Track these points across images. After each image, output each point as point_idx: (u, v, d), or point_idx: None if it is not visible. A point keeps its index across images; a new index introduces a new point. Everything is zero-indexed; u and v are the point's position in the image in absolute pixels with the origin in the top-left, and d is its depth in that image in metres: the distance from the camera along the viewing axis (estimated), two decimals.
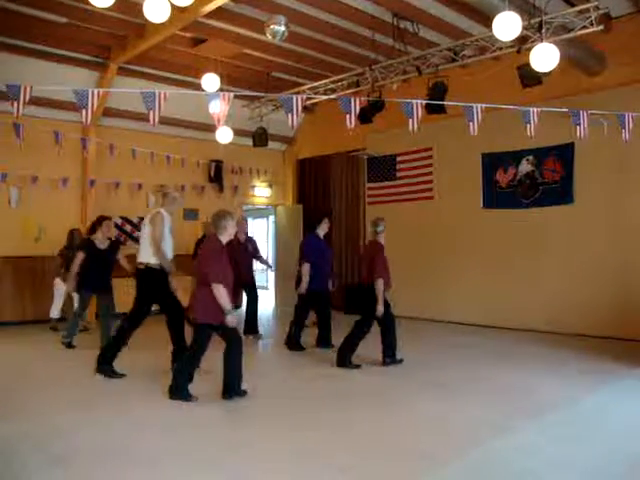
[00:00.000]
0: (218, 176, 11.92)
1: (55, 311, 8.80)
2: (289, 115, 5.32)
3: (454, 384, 5.75)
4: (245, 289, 8.36)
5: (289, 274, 12.40)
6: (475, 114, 5.65)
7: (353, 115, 5.51)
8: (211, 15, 7.49)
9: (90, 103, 4.76)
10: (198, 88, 8.88)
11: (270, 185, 13.31)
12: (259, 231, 16.89)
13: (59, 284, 8.63)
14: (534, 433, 4.26)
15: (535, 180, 9.10)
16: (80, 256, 7.12)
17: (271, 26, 7.19)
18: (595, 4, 6.69)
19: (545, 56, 6.09)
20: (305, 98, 5.65)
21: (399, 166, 11.02)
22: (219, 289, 4.86)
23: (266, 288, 14.99)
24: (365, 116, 8.84)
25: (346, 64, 9.81)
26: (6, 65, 8.63)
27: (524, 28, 6.41)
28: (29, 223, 9.67)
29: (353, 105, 5.52)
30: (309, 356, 7.17)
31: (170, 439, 4.14)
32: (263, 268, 12.04)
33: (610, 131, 6.89)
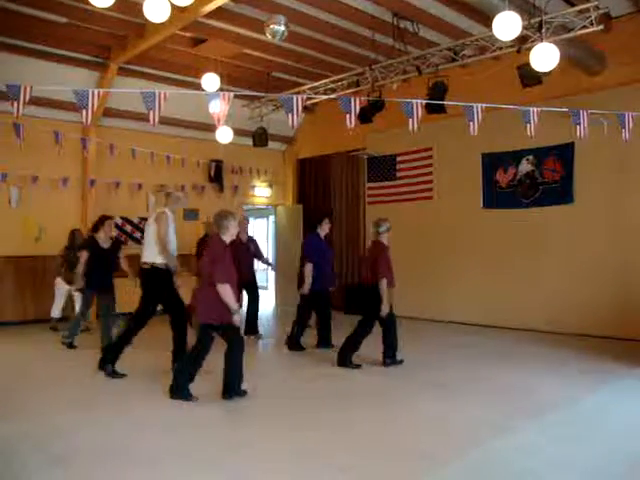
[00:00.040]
0: (218, 176, 11.92)
1: (56, 311, 8.80)
2: (289, 115, 5.32)
3: (454, 384, 5.76)
4: (246, 289, 8.37)
5: (289, 274, 12.41)
6: (475, 114, 5.65)
7: (353, 115, 5.51)
8: (211, 15, 7.49)
9: (90, 103, 4.76)
10: (198, 88, 8.88)
11: (270, 185, 13.31)
12: (259, 231, 16.88)
13: (60, 284, 8.64)
14: (534, 433, 4.26)
15: (535, 180, 9.09)
16: (84, 255, 7.12)
17: (271, 26, 7.20)
18: (595, 4, 6.69)
19: (545, 56, 6.08)
20: (305, 98, 5.65)
21: (399, 166, 11.02)
22: (225, 289, 4.87)
23: (266, 288, 14.99)
24: (365, 116, 8.85)
25: (346, 64, 9.81)
26: (6, 65, 8.63)
27: (524, 28, 6.41)
28: (29, 223, 9.68)
29: (353, 105, 5.52)
30: (309, 356, 7.18)
31: (170, 439, 4.14)
32: (264, 268, 12.07)
33: (610, 131, 6.89)
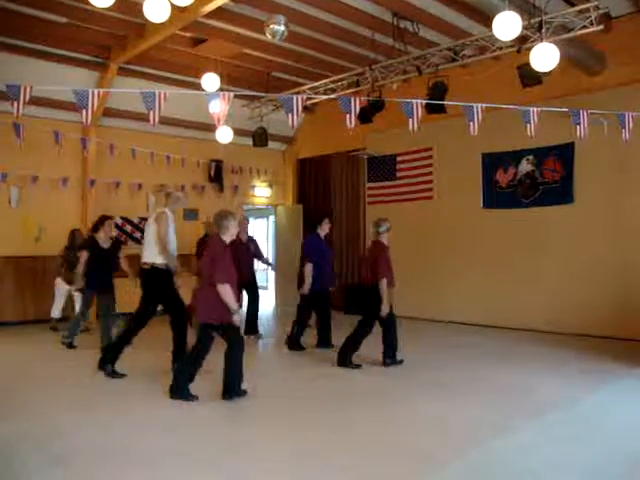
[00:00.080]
0: (218, 176, 11.91)
1: (56, 311, 8.79)
2: (289, 115, 5.32)
3: (454, 384, 5.75)
4: (246, 289, 8.36)
5: (289, 274, 12.42)
6: (475, 114, 5.65)
7: (353, 115, 5.51)
8: (211, 15, 7.49)
9: (90, 103, 4.76)
10: (198, 88, 8.87)
11: (270, 185, 13.30)
12: (259, 231, 16.88)
13: (60, 284, 8.63)
14: (534, 433, 4.26)
15: (535, 180, 9.09)
16: (84, 255, 7.11)
17: (271, 26, 7.20)
18: (595, 4, 6.68)
19: (545, 56, 6.09)
20: (305, 98, 5.65)
21: (399, 166, 11.02)
22: (225, 289, 4.87)
23: (266, 288, 14.99)
24: (365, 116, 8.84)
25: (346, 64, 9.81)
26: (6, 65, 8.63)
27: (524, 28, 6.40)
28: (29, 223, 9.68)
29: (353, 105, 5.52)
30: (309, 356, 7.18)
31: (170, 439, 4.14)
32: (264, 268, 12.06)
33: (610, 131, 6.89)
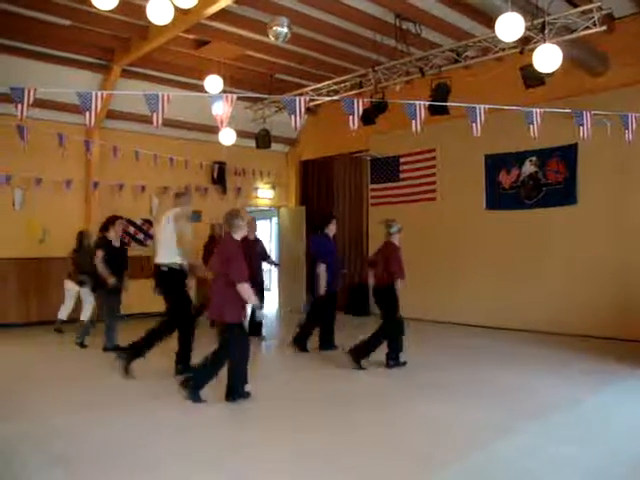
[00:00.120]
0: (221, 178, 11.93)
1: (64, 313, 8.62)
2: (292, 117, 5.32)
3: (456, 386, 5.75)
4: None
5: (292, 275, 12.45)
6: (478, 115, 5.64)
7: (356, 116, 5.50)
8: (214, 17, 7.51)
9: (93, 105, 4.77)
10: (201, 90, 8.88)
11: (273, 187, 13.32)
12: (262, 233, 16.89)
13: (69, 285, 8.47)
14: (536, 434, 4.25)
15: (538, 181, 9.08)
16: (100, 254, 7.14)
17: (274, 28, 7.20)
18: (598, 5, 6.67)
19: (548, 57, 6.08)
20: (308, 99, 5.65)
21: (402, 167, 11.02)
22: (244, 287, 4.89)
23: (268, 289, 15.00)
24: (368, 117, 8.83)
25: (349, 65, 9.82)
26: (10, 68, 8.68)
27: (527, 29, 6.38)
28: (33, 225, 9.71)
29: (356, 106, 5.52)
30: (312, 358, 7.17)
31: (172, 440, 4.15)
32: (269, 268, 12.04)
33: (613, 132, 6.88)
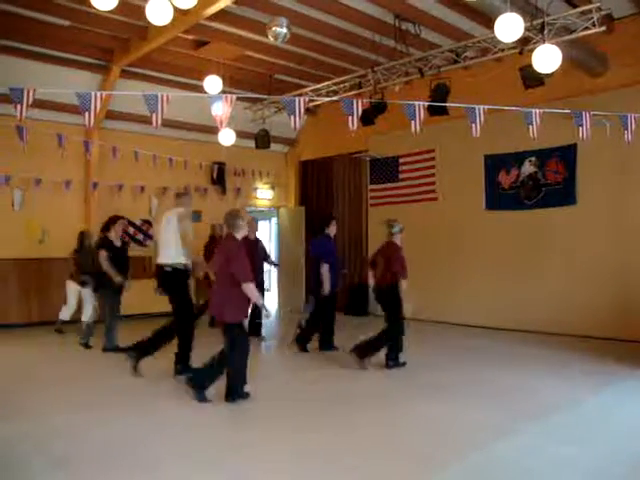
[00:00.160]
0: (221, 178, 11.94)
1: (66, 313, 8.56)
2: (291, 117, 5.31)
3: (456, 386, 5.75)
4: None
5: (291, 276, 12.46)
6: (477, 115, 5.64)
7: (355, 117, 5.50)
8: (213, 18, 7.51)
9: (93, 106, 4.76)
10: (201, 90, 8.88)
11: (272, 187, 13.32)
12: (261, 233, 16.87)
13: (71, 285, 8.39)
14: (536, 435, 4.25)
15: (538, 181, 9.08)
16: (104, 254, 7.16)
17: (273, 28, 7.20)
18: (597, 5, 6.68)
19: (547, 57, 6.08)
20: (307, 100, 5.65)
21: (402, 168, 11.02)
22: (249, 287, 4.91)
23: (268, 289, 14.98)
24: (367, 118, 8.83)
25: (348, 66, 9.82)
26: (9, 68, 8.67)
27: (526, 29, 6.39)
28: (33, 226, 9.70)
29: (355, 107, 5.51)
30: (311, 358, 7.18)
31: (172, 440, 4.15)
32: (269, 268, 12.03)
33: (612, 132, 6.88)
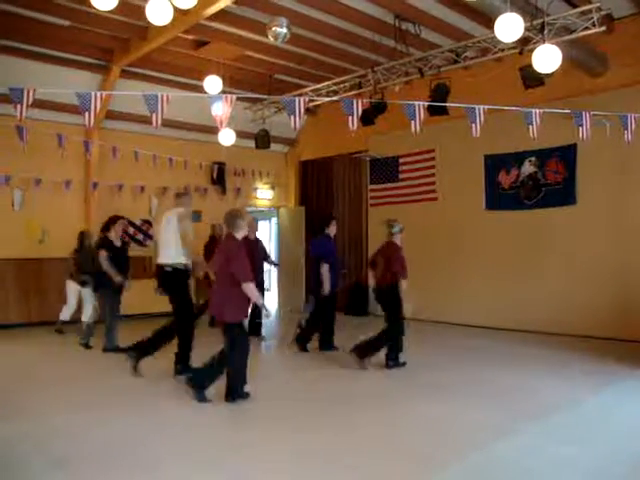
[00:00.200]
0: (221, 178, 11.94)
1: (66, 313, 8.53)
2: (291, 117, 5.31)
3: (456, 386, 5.75)
4: None
5: (291, 276, 12.46)
6: (477, 115, 5.64)
7: (355, 117, 5.50)
8: (213, 18, 7.51)
9: (93, 106, 4.77)
10: (201, 90, 8.88)
11: (272, 187, 13.32)
12: (261, 233, 16.87)
13: (71, 285, 8.36)
14: (536, 434, 4.25)
15: (538, 181, 9.09)
16: (104, 253, 7.17)
17: (273, 28, 7.20)
18: (597, 5, 6.68)
19: (547, 57, 6.08)
20: (307, 100, 5.65)
21: (402, 168, 11.02)
22: (250, 287, 4.91)
23: (268, 289, 14.97)
24: (367, 118, 8.83)
25: (348, 66, 9.81)
26: (9, 68, 8.66)
27: (526, 29, 6.38)
28: (32, 226, 9.70)
29: (355, 107, 5.51)
30: (311, 358, 7.17)
31: (172, 440, 4.15)
32: (269, 268, 12.03)
33: (612, 132, 6.88)
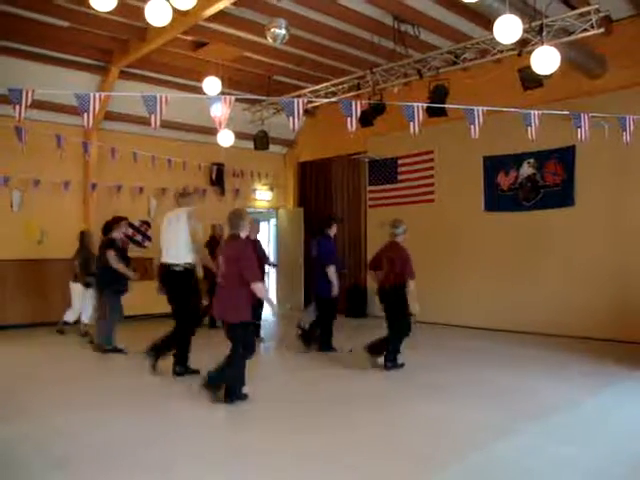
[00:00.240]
0: (219, 179, 11.94)
1: (71, 315, 8.51)
2: (290, 118, 5.31)
3: (455, 387, 5.75)
4: None
5: (290, 277, 12.46)
6: (476, 117, 5.64)
7: (354, 118, 5.50)
8: (212, 19, 7.51)
9: (92, 107, 4.76)
10: (199, 91, 8.90)
11: (271, 188, 13.32)
12: (260, 234, 16.87)
13: (75, 287, 8.36)
14: (535, 435, 4.25)
15: (536, 183, 9.10)
16: (111, 253, 7.18)
17: (272, 29, 7.20)
18: (596, 7, 6.70)
19: (546, 59, 6.10)
20: (306, 101, 5.66)
21: (400, 169, 11.03)
22: (259, 286, 4.93)
23: (267, 290, 14.97)
24: (366, 119, 8.84)
25: (347, 67, 9.82)
26: (8, 69, 8.66)
27: (525, 31, 6.41)
28: (31, 226, 9.69)
29: (354, 108, 5.51)
30: (311, 359, 7.17)
31: (171, 441, 4.14)
32: (267, 269, 12.04)
33: (611, 134, 6.89)
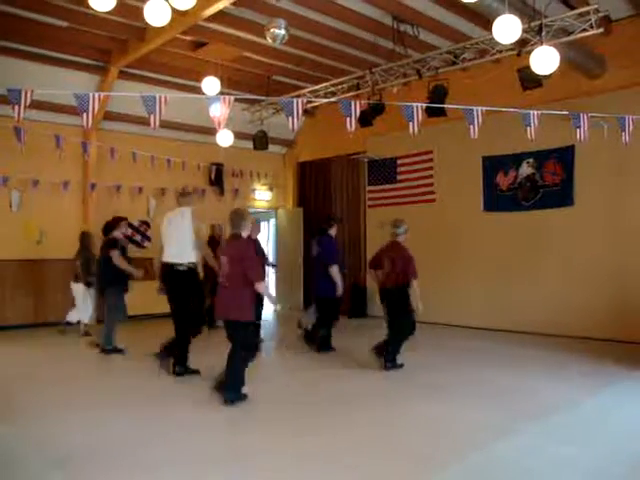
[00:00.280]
0: (219, 179, 11.94)
1: (74, 316, 8.50)
2: (289, 118, 5.31)
3: (455, 387, 5.75)
4: None
5: (289, 277, 12.46)
6: (475, 117, 5.64)
7: (353, 118, 5.49)
8: (212, 19, 7.51)
9: (91, 107, 4.76)
10: (199, 91, 8.89)
11: (271, 188, 13.32)
12: (260, 234, 16.88)
13: (77, 287, 8.35)
14: (536, 435, 4.25)
15: (535, 183, 9.10)
16: (116, 253, 7.19)
17: (271, 29, 7.20)
18: (595, 7, 6.70)
19: (545, 59, 6.10)
20: (305, 101, 5.66)
21: (400, 169, 11.03)
22: (262, 285, 4.94)
23: None
24: (365, 119, 8.84)
25: (346, 67, 9.82)
26: (7, 69, 8.65)
27: (524, 31, 6.41)
28: (30, 227, 9.68)
29: (353, 108, 5.51)
30: (310, 359, 7.17)
31: (171, 441, 4.14)
32: (267, 269, 12.04)
33: (610, 134, 6.89)
